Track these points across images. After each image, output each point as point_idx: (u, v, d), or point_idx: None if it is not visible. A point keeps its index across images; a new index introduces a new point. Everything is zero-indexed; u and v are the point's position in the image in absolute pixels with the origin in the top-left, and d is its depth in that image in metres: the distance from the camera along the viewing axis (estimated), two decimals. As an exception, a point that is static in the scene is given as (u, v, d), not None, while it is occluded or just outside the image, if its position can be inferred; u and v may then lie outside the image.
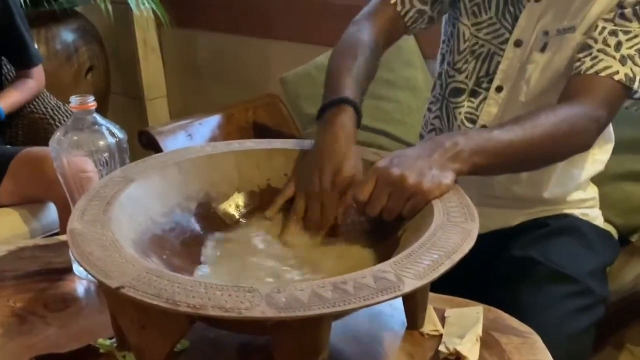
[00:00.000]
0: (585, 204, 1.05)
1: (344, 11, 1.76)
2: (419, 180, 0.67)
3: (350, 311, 0.53)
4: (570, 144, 0.84)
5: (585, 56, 0.86)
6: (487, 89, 0.98)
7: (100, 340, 0.68)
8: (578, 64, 0.87)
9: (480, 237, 1.02)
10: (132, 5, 1.86)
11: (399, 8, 0.95)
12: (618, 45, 0.85)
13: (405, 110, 1.49)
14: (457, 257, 0.55)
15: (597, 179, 1.09)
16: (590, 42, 0.87)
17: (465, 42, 0.98)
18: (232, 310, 0.48)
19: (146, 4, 1.91)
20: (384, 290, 0.50)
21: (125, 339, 0.62)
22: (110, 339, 0.68)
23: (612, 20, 0.86)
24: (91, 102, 0.80)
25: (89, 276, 0.85)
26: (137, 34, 2.17)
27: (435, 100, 1.07)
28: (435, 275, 0.52)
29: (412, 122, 1.46)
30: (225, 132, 1.69)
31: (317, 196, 0.73)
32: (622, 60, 0.84)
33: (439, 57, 1.08)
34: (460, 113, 1.00)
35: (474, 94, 0.99)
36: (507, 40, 0.95)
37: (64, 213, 1.31)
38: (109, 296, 0.58)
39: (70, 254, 0.86)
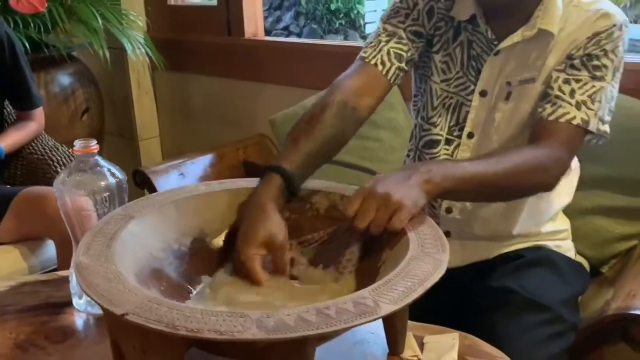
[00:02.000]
0: (558, 235, 1.11)
1: (329, 56, 1.86)
2: (401, 197, 0.74)
3: (333, 334, 0.58)
4: (533, 181, 0.91)
5: (546, 103, 0.95)
6: (459, 137, 1.05)
7: (100, 369, 0.73)
8: (540, 110, 0.95)
9: (461, 269, 1.09)
10: (128, 50, 1.94)
11: (379, 68, 1.00)
12: (572, 93, 0.93)
13: (388, 149, 1.56)
14: (428, 284, 0.60)
15: (568, 214, 1.15)
16: (549, 90, 0.95)
17: (437, 98, 1.06)
18: (226, 333, 0.53)
19: (141, 48, 1.99)
20: (363, 314, 0.55)
21: (124, 367, 0.66)
22: (110, 367, 0.72)
23: (564, 70, 0.95)
24: (94, 145, 0.85)
25: (88, 309, 0.89)
26: (131, 78, 2.24)
27: (412, 149, 1.15)
28: (408, 300, 0.58)
29: (394, 160, 1.54)
30: (217, 171, 1.75)
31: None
32: (577, 106, 0.92)
33: (412, 110, 1.15)
34: None
35: (448, 142, 1.06)
36: (473, 91, 1.03)
37: (63, 250, 1.35)
38: (113, 324, 0.63)
39: (70, 288, 0.91)
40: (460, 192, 0.84)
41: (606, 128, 0.96)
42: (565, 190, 1.09)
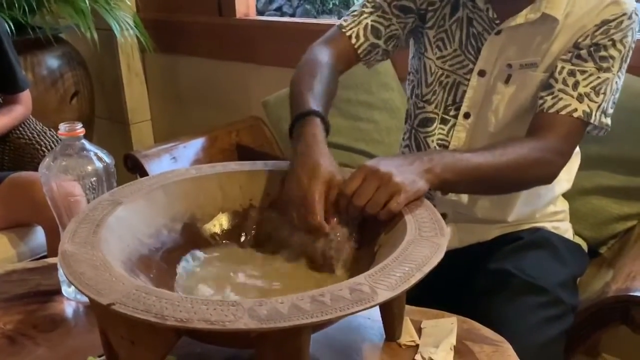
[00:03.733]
0: (556, 217, 1.10)
1: (321, 36, 1.82)
2: (403, 180, 0.73)
3: (328, 322, 0.56)
4: (534, 174, 0.90)
5: (547, 95, 0.93)
6: (455, 116, 1.03)
7: (90, 358, 0.71)
8: (541, 101, 0.93)
9: (459, 251, 1.08)
10: (117, 33, 1.90)
11: (353, 41, 1.01)
12: (575, 85, 0.91)
13: (384, 130, 1.53)
14: (427, 269, 0.58)
15: (566, 194, 1.14)
16: (552, 81, 0.93)
17: (432, 75, 1.04)
18: (217, 323, 0.51)
19: (130, 30, 1.95)
20: (359, 302, 0.54)
21: (114, 356, 0.65)
22: (100, 356, 0.71)
23: (569, 61, 0.93)
24: (79, 128, 0.82)
25: (78, 297, 0.87)
26: (121, 60, 2.20)
27: (407, 130, 1.13)
28: (406, 286, 0.56)
29: (389, 142, 1.51)
30: (210, 155, 1.72)
31: (303, 204, 0.74)
32: (580, 99, 0.91)
33: (408, 88, 1.13)
34: (432, 141, 1.05)
35: (443, 121, 1.04)
36: (471, 70, 1.00)
37: (52, 236, 1.33)
38: (100, 313, 0.61)
39: (59, 275, 0.88)
40: (460, 183, 0.83)
41: (608, 121, 0.94)
42: (566, 176, 1.08)
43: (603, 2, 0.91)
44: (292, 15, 4.93)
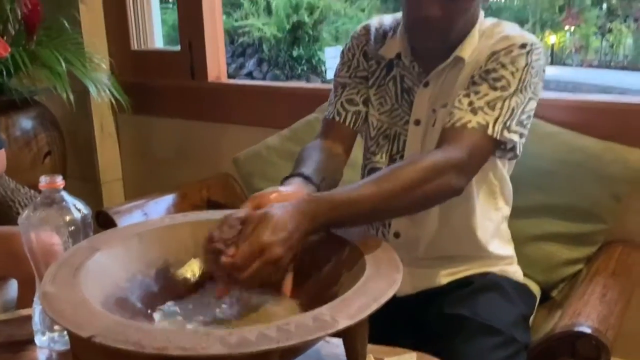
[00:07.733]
0: (504, 261, 1.17)
1: (290, 97, 1.93)
2: (284, 263, 0.76)
3: (293, 349, 0.61)
4: (434, 188, 0.89)
5: (446, 115, 1.00)
6: None
7: (65, 401, 0.73)
8: (442, 123, 1.01)
9: (412, 297, 1.13)
10: (93, 93, 1.95)
11: (337, 118, 1.12)
12: (470, 103, 0.98)
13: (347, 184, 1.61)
14: (383, 300, 0.64)
15: (518, 241, 1.22)
16: (449, 106, 1.02)
17: (374, 129, 1.15)
18: (191, 350, 0.55)
19: (107, 91, 2.00)
20: (321, 328, 0.59)
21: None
22: (74, 399, 0.73)
23: (466, 89, 1.00)
24: (59, 181, 0.87)
25: (52, 345, 0.89)
26: (94, 120, 2.26)
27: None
28: (364, 315, 0.62)
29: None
30: (180, 210, 1.75)
31: None
32: (473, 111, 0.96)
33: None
34: None
35: None
36: (407, 121, 1.11)
37: (25, 289, 1.33)
38: (79, 349, 0.64)
39: (33, 325, 0.90)
40: (350, 218, 0.83)
41: (513, 137, 0.96)
42: (501, 202, 1.15)
43: (496, 38, 1.01)
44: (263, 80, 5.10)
